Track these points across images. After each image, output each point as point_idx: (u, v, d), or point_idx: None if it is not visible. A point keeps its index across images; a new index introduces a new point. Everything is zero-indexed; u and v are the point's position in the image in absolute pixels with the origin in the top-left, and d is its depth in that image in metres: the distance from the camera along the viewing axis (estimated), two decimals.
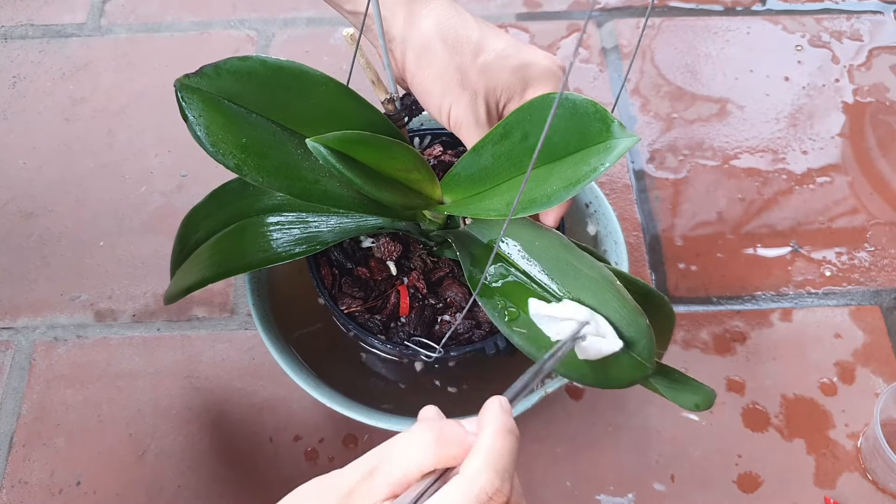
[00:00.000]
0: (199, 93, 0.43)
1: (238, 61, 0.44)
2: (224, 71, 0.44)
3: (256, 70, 0.45)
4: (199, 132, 0.43)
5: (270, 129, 0.45)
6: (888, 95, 0.82)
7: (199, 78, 0.43)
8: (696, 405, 0.47)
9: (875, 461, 0.59)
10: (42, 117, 0.81)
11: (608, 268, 0.46)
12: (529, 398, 0.55)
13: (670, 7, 0.89)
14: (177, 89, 0.43)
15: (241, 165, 0.44)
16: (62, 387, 0.65)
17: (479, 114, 0.48)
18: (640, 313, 0.44)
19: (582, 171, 0.40)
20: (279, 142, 0.45)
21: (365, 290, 0.57)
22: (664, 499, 0.60)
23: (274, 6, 0.89)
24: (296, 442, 0.62)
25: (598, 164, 0.40)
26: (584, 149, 0.41)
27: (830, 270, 0.71)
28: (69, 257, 0.72)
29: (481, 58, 0.48)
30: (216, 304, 0.69)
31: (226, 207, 0.55)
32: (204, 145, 0.43)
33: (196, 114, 0.43)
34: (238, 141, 0.44)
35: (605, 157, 0.40)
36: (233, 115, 0.44)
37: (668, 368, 0.47)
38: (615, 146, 0.40)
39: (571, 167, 0.41)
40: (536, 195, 0.42)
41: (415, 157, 0.47)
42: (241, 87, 0.44)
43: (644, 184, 0.76)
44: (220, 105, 0.44)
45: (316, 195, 0.47)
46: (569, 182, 0.41)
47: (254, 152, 0.44)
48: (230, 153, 0.44)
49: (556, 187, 0.41)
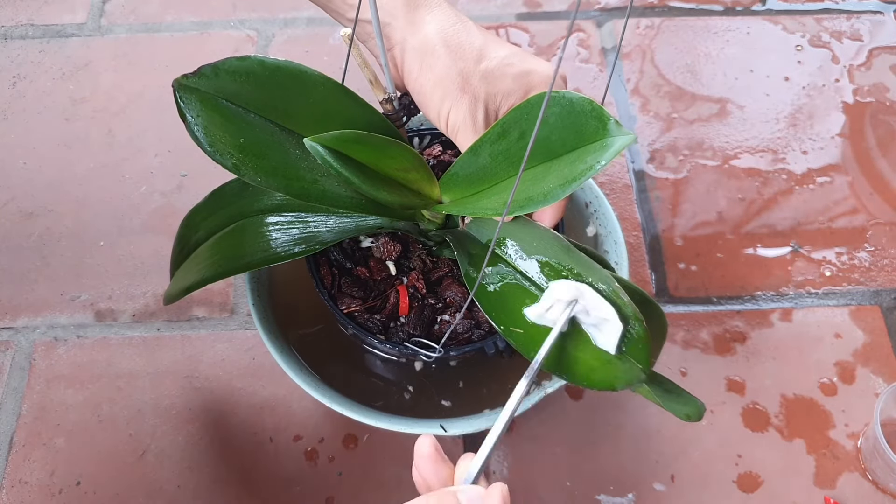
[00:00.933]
0: (197, 93, 0.43)
1: (236, 61, 0.44)
2: (222, 71, 0.44)
3: (255, 70, 0.45)
4: (197, 132, 0.43)
5: (269, 129, 0.45)
6: (888, 95, 0.82)
7: (198, 78, 0.43)
8: (686, 416, 0.48)
9: (875, 461, 0.59)
10: (42, 117, 0.81)
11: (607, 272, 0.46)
12: (529, 398, 0.55)
13: (670, 7, 0.89)
14: (175, 89, 0.43)
15: (239, 165, 0.44)
16: (62, 387, 0.65)
17: (478, 119, 0.48)
18: (640, 318, 0.44)
19: (578, 170, 0.40)
20: (277, 142, 0.45)
21: (364, 289, 0.57)
22: (664, 499, 0.60)
23: (274, 6, 0.89)
24: (296, 442, 0.62)
25: (594, 161, 0.40)
26: (581, 147, 0.41)
27: (830, 270, 0.71)
28: (69, 257, 0.72)
29: (483, 64, 0.48)
30: (216, 304, 0.69)
31: (226, 207, 0.55)
32: (202, 145, 0.43)
33: (194, 114, 0.43)
34: (236, 141, 0.44)
35: (601, 154, 0.40)
36: (231, 116, 0.44)
37: (661, 377, 0.47)
38: (611, 144, 0.40)
39: (568, 165, 0.41)
40: (533, 193, 0.42)
41: (413, 156, 0.47)
42: (239, 88, 0.44)
43: (644, 184, 0.76)
44: (218, 105, 0.44)
45: (314, 195, 0.47)
46: (565, 180, 0.41)
47: (252, 152, 0.44)
48: (228, 153, 0.44)
49: (552, 185, 0.41)
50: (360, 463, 0.61)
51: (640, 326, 0.44)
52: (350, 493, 0.60)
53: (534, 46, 0.86)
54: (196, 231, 0.55)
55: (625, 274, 0.60)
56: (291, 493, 0.60)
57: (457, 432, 0.55)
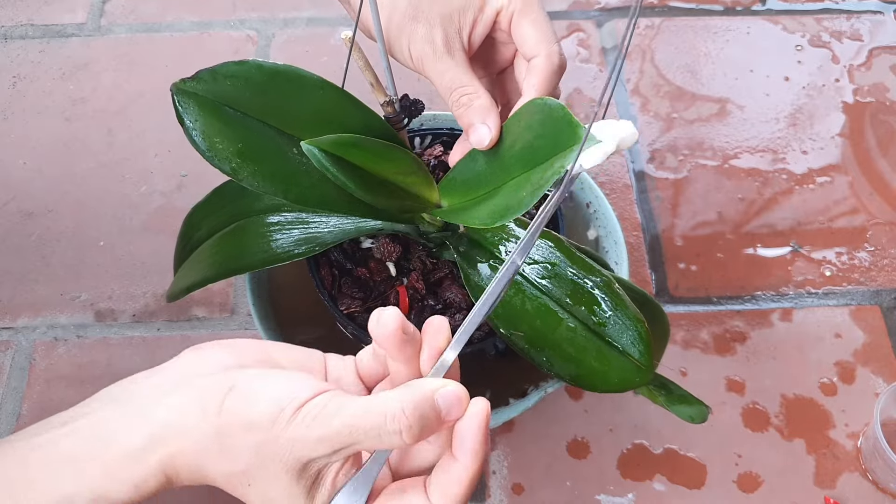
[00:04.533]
0: (195, 97, 0.43)
1: (234, 66, 0.44)
2: (220, 75, 0.44)
3: (252, 75, 0.44)
4: (195, 137, 0.43)
5: (267, 133, 0.45)
6: (888, 95, 0.82)
7: (196, 82, 0.43)
8: (690, 417, 0.48)
9: (875, 461, 0.59)
10: (42, 117, 0.81)
11: (608, 273, 0.46)
12: (529, 398, 0.55)
13: (670, 7, 0.89)
14: (173, 94, 0.43)
15: (238, 170, 0.44)
16: (62, 387, 0.65)
17: (437, 42, 0.46)
18: (641, 319, 0.44)
19: (546, 177, 0.40)
20: (276, 146, 0.45)
21: (364, 290, 0.57)
22: (664, 499, 0.60)
23: (274, 6, 0.89)
24: None
25: (559, 167, 0.39)
26: (555, 154, 0.41)
27: (830, 270, 0.71)
28: (69, 257, 0.72)
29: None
30: (216, 304, 0.69)
31: (227, 206, 0.55)
32: (200, 150, 0.43)
33: (192, 118, 0.43)
34: (234, 146, 0.44)
35: (565, 161, 0.39)
36: (229, 120, 0.44)
37: (665, 379, 0.48)
38: (576, 150, 0.39)
39: (541, 172, 0.41)
40: (511, 202, 0.41)
41: (412, 160, 0.47)
42: (237, 92, 0.44)
43: (644, 184, 0.76)
44: (216, 109, 0.44)
45: (313, 200, 0.47)
46: (535, 187, 0.40)
47: (250, 157, 0.44)
48: (226, 158, 0.44)
49: (525, 193, 0.41)
50: None
51: (643, 328, 0.44)
52: None
53: None
54: (198, 229, 0.55)
55: (625, 274, 0.60)
56: None
57: None
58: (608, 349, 0.45)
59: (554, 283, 0.47)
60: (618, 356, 0.44)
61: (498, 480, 0.61)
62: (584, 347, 0.45)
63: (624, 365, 0.44)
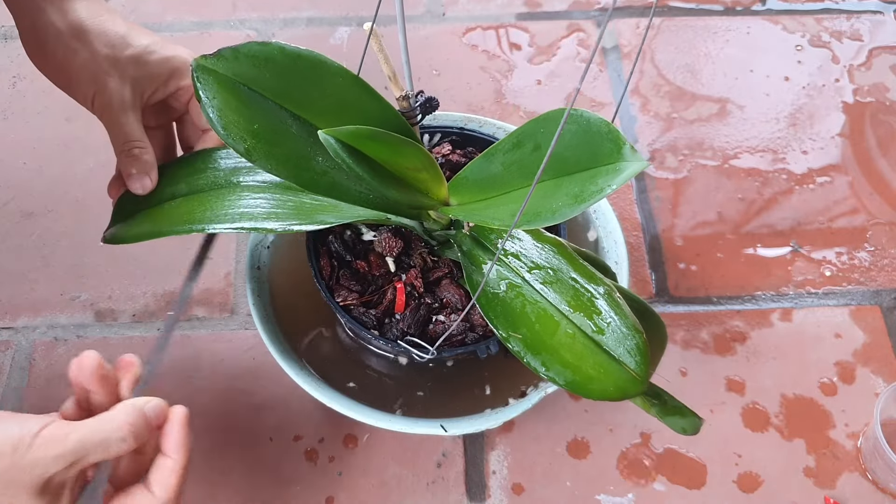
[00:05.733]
0: (215, 74, 0.43)
1: (257, 46, 0.44)
2: (242, 55, 0.44)
3: (275, 56, 0.44)
4: (211, 114, 0.43)
5: (283, 116, 0.45)
6: (888, 95, 0.82)
7: (217, 60, 0.43)
8: (683, 429, 0.48)
9: (875, 461, 0.59)
10: (42, 117, 0.81)
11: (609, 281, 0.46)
12: (529, 398, 0.55)
13: (670, 7, 0.89)
14: (193, 69, 0.42)
15: (251, 151, 0.44)
16: (62, 386, 0.65)
17: (125, 98, 0.52)
18: (639, 330, 0.44)
19: (589, 190, 0.40)
20: (290, 130, 0.45)
21: (362, 283, 0.57)
22: (664, 499, 0.60)
23: (274, 6, 0.89)
24: (296, 442, 0.62)
25: (605, 184, 0.40)
26: (594, 168, 0.41)
27: (830, 270, 0.71)
28: (69, 257, 0.72)
29: (129, 51, 0.52)
30: (216, 304, 0.69)
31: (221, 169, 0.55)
32: (216, 127, 0.43)
33: (210, 95, 0.43)
34: (250, 126, 0.44)
35: (612, 178, 0.40)
36: (247, 100, 0.44)
37: (660, 390, 0.47)
38: (624, 169, 0.40)
39: (579, 185, 0.41)
40: (541, 209, 0.42)
41: (424, 156, 0.47)
42: (257, 73, 0.44)
43: (644, 184, 0.76)
44: (235, 88, 0.43)
45: (323, 187, 0.46)
46: (575, 199, 0.40)
47: (265, 139, 0.44)
48: (241, 138, 0.43)
49: (561, 203, 0.41)
50: (360, 463, 0.61)
51: (641, 338, 0.44)
52: (350, 493, 0.60)
53: (534, 46, 0.86)
54: (176, 183, 0.54)
55: (625, 274, 0.60)
56: (291, 493, 0.60)
57: (457, 432, 0.55)
58: (605, 357, 0.44)
59: (555, 288, 0.47)
60: (614, 365, 0.44)
61: (498, 480, 0.61)
62: (582, 354, 0.45)
63: (620, 374, 0.44)
